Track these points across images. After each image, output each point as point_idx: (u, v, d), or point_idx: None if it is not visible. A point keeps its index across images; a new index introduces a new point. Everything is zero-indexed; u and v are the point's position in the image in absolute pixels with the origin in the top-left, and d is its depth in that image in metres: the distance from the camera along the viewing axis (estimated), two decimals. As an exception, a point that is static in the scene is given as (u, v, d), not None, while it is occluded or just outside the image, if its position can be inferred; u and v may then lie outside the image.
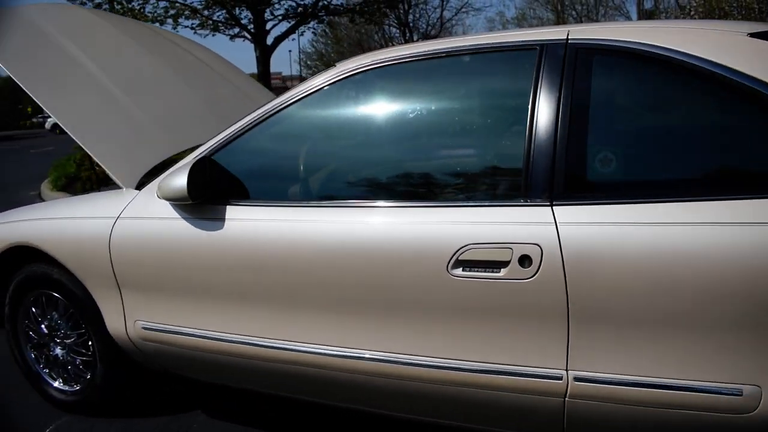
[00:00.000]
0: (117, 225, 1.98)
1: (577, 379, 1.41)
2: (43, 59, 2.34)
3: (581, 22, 21.75)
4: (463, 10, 23.22)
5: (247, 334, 1.76)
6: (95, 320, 2.13)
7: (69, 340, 2.29)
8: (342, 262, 1.58)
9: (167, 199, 1.82)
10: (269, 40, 13.55)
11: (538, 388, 1.44)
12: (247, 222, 1.74)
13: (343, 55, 29.59)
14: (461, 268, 1.46)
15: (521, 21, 24.52)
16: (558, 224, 1.39)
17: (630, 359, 1.36)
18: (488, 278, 1.44)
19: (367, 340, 1.58)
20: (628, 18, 21.32)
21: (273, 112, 1.81)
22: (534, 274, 1.40)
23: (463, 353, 1.49)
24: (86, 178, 6.23)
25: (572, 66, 1.47)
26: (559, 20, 22.23)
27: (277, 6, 13.29)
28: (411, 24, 18.56)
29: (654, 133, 1.47)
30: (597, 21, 21.65)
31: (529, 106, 1.48)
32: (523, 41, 1.56)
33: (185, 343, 1.88)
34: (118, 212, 2.00)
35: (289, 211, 1.70)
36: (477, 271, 1.45)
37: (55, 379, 2.37)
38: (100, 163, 2.13)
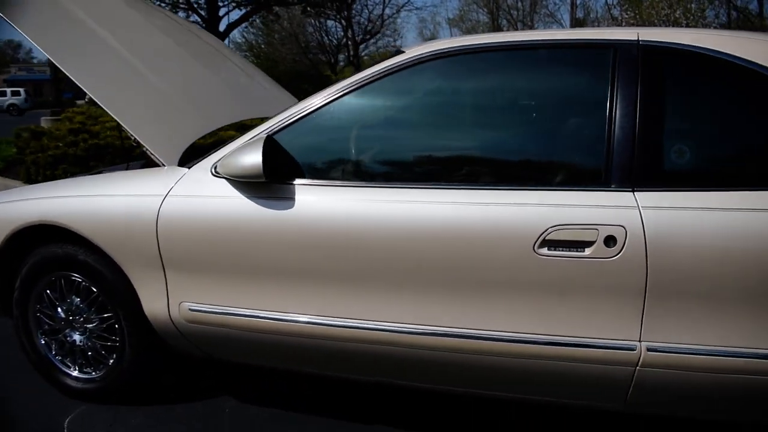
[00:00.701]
0: (166, 203, 1.92)
1: (649, 349, 1.54)
2: (64, 30, 2.22)
3: (515, 26, 22.67)
4: (405, 8, 23.73)
5: (320, 314, 1.76)
6: (127, 303, 2.05)
7: (90, 325, 2.19)
8: (427, 241, 1.63)
9: (234, 177, 1.79)
10: (222, 27, 13.17)
11: (613, 358, 1.56)
12: (322, 201, 1.75)
13: (273, 46, 29.03)
14: (547, 248, 1.55)
15: (459, 22, 25.28)
16: (641, 208, 1.52)
17: (698, 330, 1.50)
18: (573, 257, 1.54)
19: (451, 318, 1.64)
20: (561, 24, 22.43)
21: (341, 93, 1.82)
22: (618, 254, 1.52)
23: (545, 328, 1.59)
24: (31, 162, 5.84)
25: (646, 65, 1.60)
26: (494, 23, 23.05)
27: None
28: (352, 18, 18.73)
29: (722, 129, 1.62)
30: (532, 26, 22.76)
31: (608, 100, 1.60)
32: (597, 39, 1.68)
33: (242, 324, 1.87)
34: (165, 190, 1.94)
35: (368, 192, 1.73)
36: (562, 251, 1.55)
37: (69, 367, 2.26)
38: (139, 140, 2.06)
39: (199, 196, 1.89)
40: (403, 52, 1.84)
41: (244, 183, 1.82)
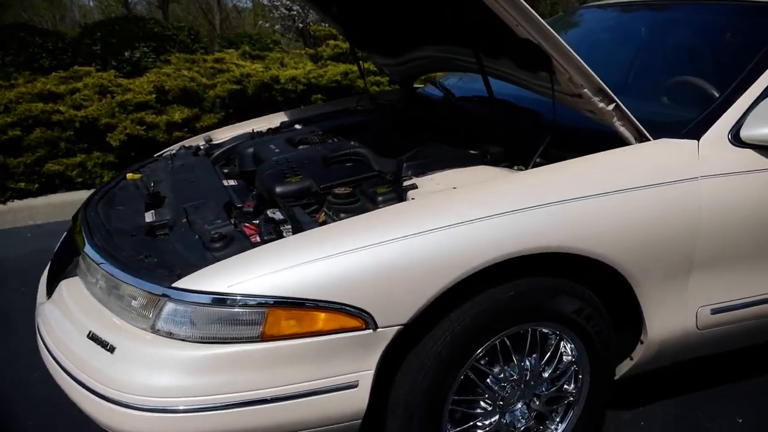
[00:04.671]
0: (705, 188, 1.54)
1: None
2: None
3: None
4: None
5: None
6: (608, 336, 1.58)
7: (542, 388, 1.57)
8: None
9: None
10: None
11: None
12: None
13: None
14: None
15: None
16: None
17: None
18: None
19: None
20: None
21: None
22: None
23: None
24: None
25: None
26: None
27: None
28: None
29: None
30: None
31: None
32: None
33: None
34: (691, 172, 1.55)
35: None
36: None
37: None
38: (626, 112, 1.55)
39: (733, 173, 1.59)
40: None
41: None
